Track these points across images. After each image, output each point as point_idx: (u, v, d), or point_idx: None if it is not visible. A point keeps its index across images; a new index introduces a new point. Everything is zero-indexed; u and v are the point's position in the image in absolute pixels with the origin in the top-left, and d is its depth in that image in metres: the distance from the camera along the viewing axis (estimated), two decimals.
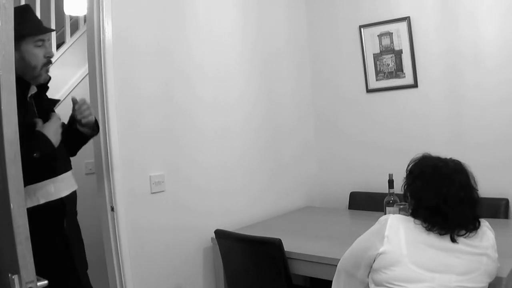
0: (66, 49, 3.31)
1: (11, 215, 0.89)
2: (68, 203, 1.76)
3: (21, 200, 0.91)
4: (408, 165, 1.58)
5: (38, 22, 1.66)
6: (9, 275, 0.90)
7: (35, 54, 1.61)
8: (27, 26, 1.60)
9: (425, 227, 1.42)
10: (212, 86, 2.64)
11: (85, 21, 3.01)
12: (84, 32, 3.24)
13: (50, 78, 1.71)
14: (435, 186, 1.45)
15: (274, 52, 3.09)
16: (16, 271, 0.90)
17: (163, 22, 2.37)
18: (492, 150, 2.65)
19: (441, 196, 1.43)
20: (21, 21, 1.60)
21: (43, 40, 1.64)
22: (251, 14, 2.93)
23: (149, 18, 2.32)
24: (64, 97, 3.25)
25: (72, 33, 3.40)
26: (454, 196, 1.43)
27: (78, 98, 1.78)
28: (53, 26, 3.33)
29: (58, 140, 1.61)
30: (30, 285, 0.90)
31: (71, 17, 3.45)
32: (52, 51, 1.66)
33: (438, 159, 1.53)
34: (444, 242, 1.42)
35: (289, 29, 3.23)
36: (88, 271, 3.00)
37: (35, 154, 1.49)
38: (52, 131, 1.60)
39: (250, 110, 2.89)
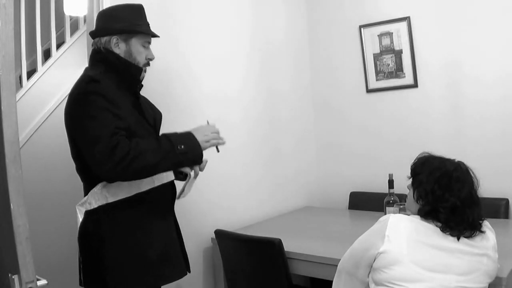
0: (66, 49, 3.31)
1: (11, 215, 0.89)
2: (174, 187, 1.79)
3: (21, 200, 0.91)
4: (414, 166, 1.58)
5: (149, 24, 1.74)
6: (9, 275, 0.90)
7: (141, 52, 1.69)
8: (143, 25, 1.70)
9: (440, 227, 1.43)
10: (212, 86, 2.64)
11: (85, 21, 3.02)
12: (84, 32, 3.24)
13: (143, 78, 1.77)
14: (450, 187, 1.45)
15: (274, 52, 3.09)
16: (16, 271, 0.90)
17: (162, 21, 2.37)
18: (492, 150, 2.65)
19: (459, 198, 1.43)
20: (137, 19, 1.68)
21: (149, 43, 1.73)
22: (250, 14, 2.93)
23: (148, 17, 2.32)
24: (64, 97, 3.26)
25: (72, 33, 3.40)
26: (469, 197, 1.45)
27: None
28: (53, 26, 3.34)
29: (205, 143, 1.63)
30: (30, 285, 0.90)
31: (71, 17, 3.45)
32: (153, 55, 1.74)
33: (446, 160, 1.54)
34: (445, 242, 1.42)
35: (289, 29, 3.23)
36: None
37: (182, 148, 1.53)
38: (199, 131, 1.63)
39: (249, 111, 2.89)
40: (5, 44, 0.89)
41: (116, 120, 1.50)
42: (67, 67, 3.28)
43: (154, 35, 1.74)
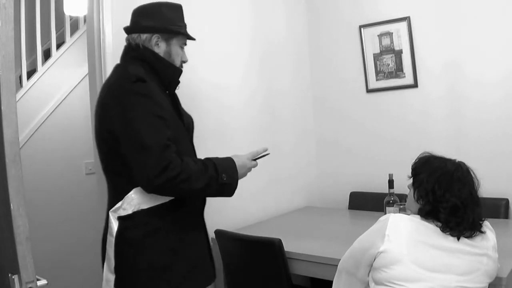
0: (66, 49, 3.31)
1: (11, 215, 0.89)
2: None
3: (21, 200, 0.91)
4: (415, 165, 1.58)
5: (186, 26, 1.74)
6: (9, 275, 0.90)
7: (179, 54, 1.69)
8: (183, 27, 1.70)
9: (440, 227, 1.43)
10: (212, 85, 2.63)
11: (85, 21, 3.02)
12: (84, 32, 3.24)
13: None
14: (451, 187, 1.45)
15: (274, 52, 3.09)
16: (16, 271, 0.90)
17: None
18: (492, 150, 2.65)
19: (459, 198, 1.44)
20: (179, 19, 1.68)
21: (185, 45, 1.73)
22: (250, 14, 2.93)
23: None
24: (64, 97, 3.26)
25: (72, 33, 3.40)
26: (469, 198, 1.45)
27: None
28: (53, 26, 3.34)
29: (243, 174, 1.67)
30: (30, 285, 0.90)
31: (71, 17, 3.45)
32: (187, 57, 1.75)
33: (447, 160, 1.54)
34: (445, 242, 1.42)
35: (289, 30, 3.23)
36: (88, 272, 3.02)
37: (224, 178, 1.55)
38: (241, 164, 1.65)
39: (249, 112, 2.89)
40: (5, 44, 0.89)
41: (166, 129, 1.49)
42: (67, 67, 3.28)
43: (191, 38, 1.74)
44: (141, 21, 1.64)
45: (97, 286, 3.06)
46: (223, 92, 2.70)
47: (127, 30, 1.68)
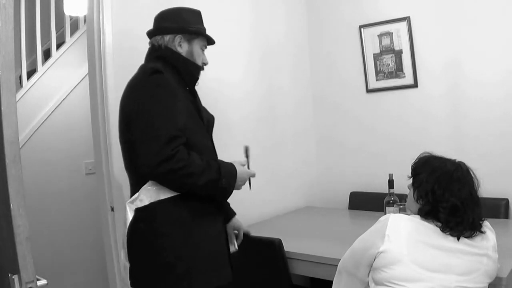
0: (66, 49, 3.31)
1: (11, 215, 0.89)
2: None
3: (21, 200, 0.91)
4: (415, 165, 1.58)
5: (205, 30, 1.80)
6: (9, 275, 0.90)
7: (200, 55, 1.75)
8: (204, 30, 1.77)
9: (440, 227, 1.43)
10: (211, 85, 2.63)
11: (85, 21, 3.01)
12: (84, 32, 3.24)
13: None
14: (450, 187, 1.45)
15: (274, 52, 3.09)
16: (16, 271, 0.90)
17: None
18: (492, 150, 2.65)
19: (459, 198, 1.44)
20: (199, 22, 1.75)
21: (205, 47, 1.79)
22: (250, 14, 2.93)
23: (149, 17, 2.31)
24: (64, 97, 3.26)
25: (72, 33, 3.39)
26: (469, 198, 1.45)
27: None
28: (53, 26, 3.34)
29: (239, 186, 1.72)
30: (30, 285, 0.90)
31: (71, 17, 3.45)
32: (207, 60, 1.79)
33: (447, 160, 1.54)
34: (446, 242, 1.42)
35: (289, 30, 3.23)
36: (88, 271, 3.01)
37: (223, 183, 1.59)
38: (241, 174, 1.70)
39: (249, 112, 2.88)
40: (5, 44, 0.89)
41: (177, 119, 1.52)
42: (67, 67, 3.28)
43: (214, 41, 1.79)
44: (163, 24, 1.72)
45: (97, 286, 3.07)
46: (223, 92, 2.70)
47: (151, 33, 1.74)
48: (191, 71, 1.71)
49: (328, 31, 3.29)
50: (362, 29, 3.09)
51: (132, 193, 1.63)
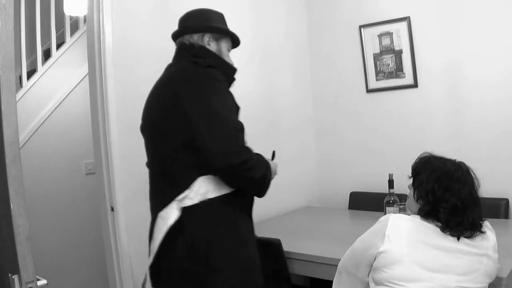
0: (66, 49, 3.31)
1: (11, 215, 0.89)
2: None
3: (21, 200, 0.91)
4: (415, 165, 1.58)
5: None
6: (9, 275, 0.90)
7: (227, 55, 1.74)
8: (230, 32, 1.75)
9: (440, 227, 1.43)
10: None
11: (85, 21, 3.01)
12: (84, 32, 3.24)
13: None
14: (450, 187, 1.45)
15: (273, 53, 3.09)
16: (16, 271, 0.90)
17: (163, 21, 2.37)
18: (492, 150, 2.65)
19: (459, 198, 1.43)
20: (225, 24, 1.74)
21: (230, 50, 1.78)
22: (250, 14, 2.93)
23: (149, 17, 2.32)
24: (64, 97, 3.26)
25: (72, 33, 3.39)
26: (469, 198, 1.45)
27: None
28: (53, 26, 3.34)
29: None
30: (30, 285, 0.90)
31: (71, 17, 3.45)
32: (233, 62, 1.76)
33: (447, 160, 1.54)
34: (446, 242, 1.42)
35: (289, 30, 3.23)
36: (88, 271, 3.01)
37: (271, 176, 1.64)
38: (274, 169, 1.74)
39: (248, 112, 2.88)
40: (5, 44, 0.89)
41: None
42: (67, 67, 3.28)
43: (239, 42, 1.79)
44: (190, 24, 1.69)
45: (97, 286, 3.07)
46: None
47: (178, 33, 1.71)
48: (228, 72, 1.68)
49: (328, 31, 3.29)
50: (362, 29, 3.09)
51: (156, 193, 1.63)
